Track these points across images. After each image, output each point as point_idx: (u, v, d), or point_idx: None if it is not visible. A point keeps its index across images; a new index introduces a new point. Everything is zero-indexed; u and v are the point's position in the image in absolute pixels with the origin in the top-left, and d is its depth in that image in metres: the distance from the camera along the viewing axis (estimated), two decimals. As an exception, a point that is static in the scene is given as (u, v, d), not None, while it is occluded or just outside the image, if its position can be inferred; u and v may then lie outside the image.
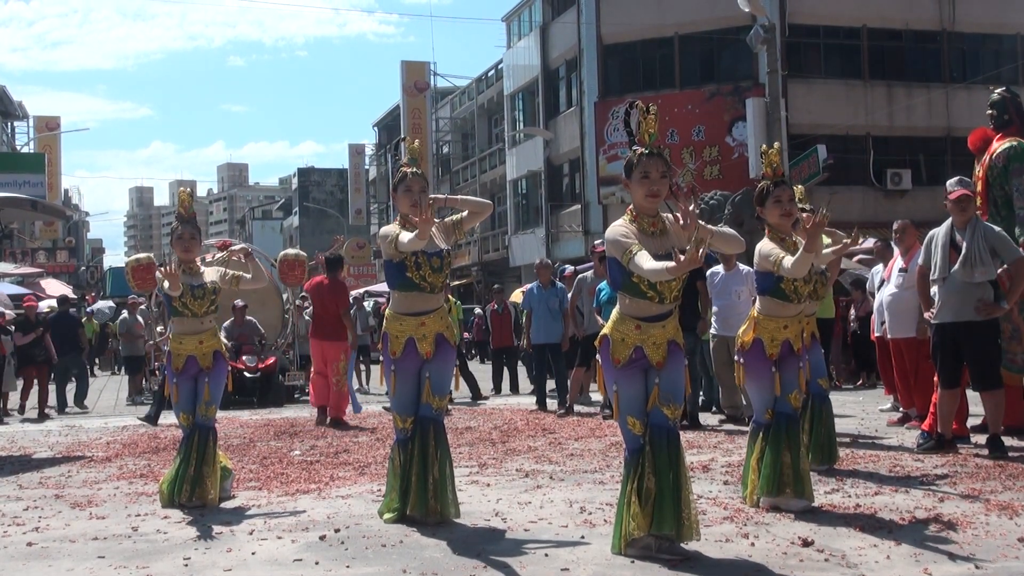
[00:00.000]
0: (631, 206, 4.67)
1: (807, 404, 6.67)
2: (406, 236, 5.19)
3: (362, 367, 17.62)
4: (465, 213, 5.56)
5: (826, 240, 6.87)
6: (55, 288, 28.98)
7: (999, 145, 8.25)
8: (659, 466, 4.47)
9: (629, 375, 4.61)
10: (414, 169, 5.52)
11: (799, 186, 6.78)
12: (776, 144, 6.16)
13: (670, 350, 4.61)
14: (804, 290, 5.54)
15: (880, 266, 10.26)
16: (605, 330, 4.71)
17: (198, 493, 6.03)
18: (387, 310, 5.59)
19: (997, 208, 8.21)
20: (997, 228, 7.51)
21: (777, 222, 5.60)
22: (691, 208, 4.35)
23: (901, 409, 9.82)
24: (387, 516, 5.42)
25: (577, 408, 11.80)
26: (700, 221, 4.43)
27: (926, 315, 7.67)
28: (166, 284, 6.07)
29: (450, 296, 15.39)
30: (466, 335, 24.98)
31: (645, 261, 4.33)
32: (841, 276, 15.20)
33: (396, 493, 5.40)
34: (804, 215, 5.64)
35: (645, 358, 4.59)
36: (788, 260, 5.23)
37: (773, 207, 5.59)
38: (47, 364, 14.86)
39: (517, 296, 20.26)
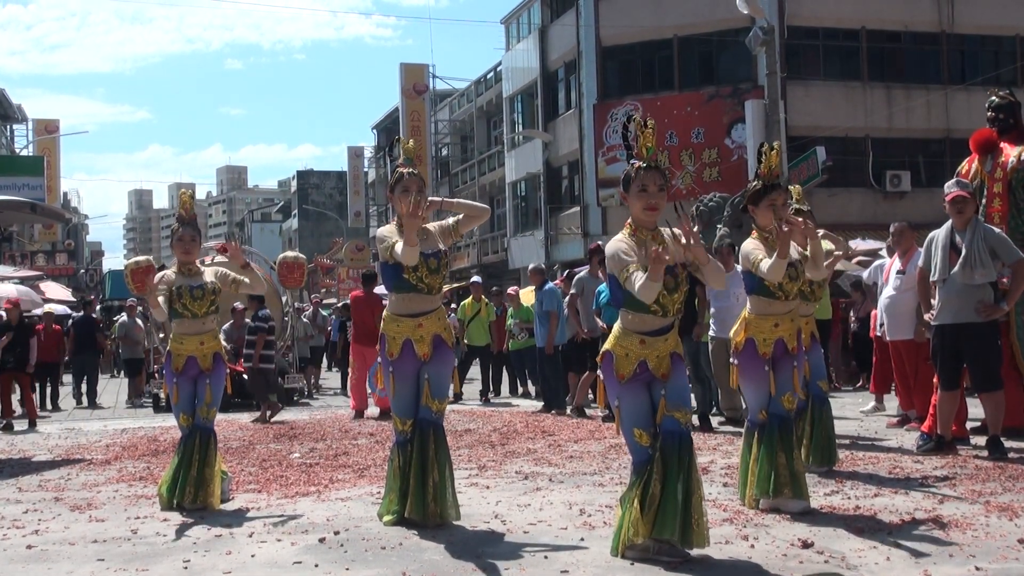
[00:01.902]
0: (630, 220, 4.67)
1: (807, 406, 6.68)
2: (400, 247, 5.12)
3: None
4: (461, 216, 5.56)
5: (828, 246, 6.87)
6: (54, 291, 28.97)
7: (1021, 150, 8.20)
8: (668, 472, 4.45)
9: (633, 389, 4.58)
10: (410, 169, 5.51)
11: (797, 186, 6.77)
12: (776, 144, 6.14)
13: (672, 361, 4.61)
14: (790, 287, 5.55)
15: (885, 260, 10.14)
16: (607, 345, 4.68)
17: (201, 496, 6.03)
18: (385, 312, 5.58)
19: (1019, 211, 8.19)
20: (997, 230, 7.51)
21: (766, 224, 5.63)
22: (694, 229, 4.36)
23: (876, 406, 10.05)
24: (386, 518, 5.41)
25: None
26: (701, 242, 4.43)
27: (926, 317, 7.66)
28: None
29: (483, 296, 15.50)
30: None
31: (639, 281, 4.33)
32: (840, 279, 15.21)
33: (395, 495, 5.40)
34: (798, 219, 5.62)
35: (649, 371, 4.57)
36: (765, 263, 5.28)
37: (766, 210, 5.61)
38: (21, 370, 13.42)
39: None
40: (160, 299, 6.09)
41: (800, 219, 5.54)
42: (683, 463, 4.47)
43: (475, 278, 16.49)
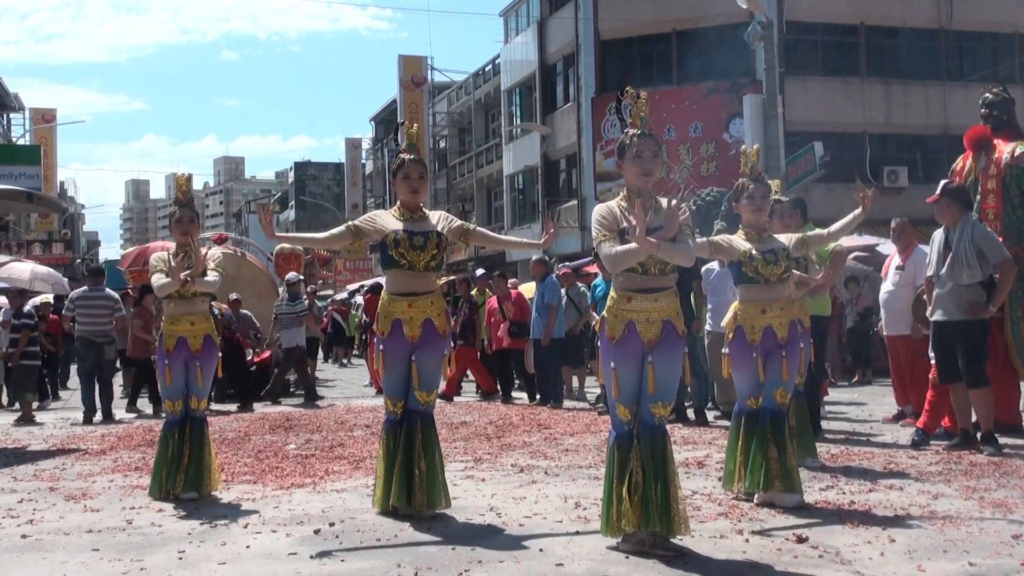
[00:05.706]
0: (625, 188, 4.72)
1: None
2: (160, 279, 5.74)
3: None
4: (476, 228, 5.66)
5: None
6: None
7: (1014, 147, 8.21)
8: (645, 463, 4.48)
9: (624, 359, 4.56)
10: (412, 155, 5.51)
11: (776, 180, 6.83)
12: (756, 145, 6.28)
13: (665, 332, 4.58)
14: (768, 272, 5.59)
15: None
16: (604, 311, 4.73)
17: (200, 484, 6.04)
18: (383, 291, 5.63)
19: (1014, 208, 8.21)
20: (986, 229, 7.53)
21: (749, 218, 5.76)
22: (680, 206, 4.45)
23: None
24: (376, 508, 5.41)
25: (572, 404, 11.82)
26: (676, 222, 4.45)
27: (927, 313, 7.69)
28: (155, 279, 6.04)
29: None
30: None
31: (606, 248, 4.50)
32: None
33: (383, 482, 5.39)
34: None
35: (637, 336, 4.55)
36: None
37: (746, 203, 5.76)
38: None
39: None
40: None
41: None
42: (658, 457, 4.48)
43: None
